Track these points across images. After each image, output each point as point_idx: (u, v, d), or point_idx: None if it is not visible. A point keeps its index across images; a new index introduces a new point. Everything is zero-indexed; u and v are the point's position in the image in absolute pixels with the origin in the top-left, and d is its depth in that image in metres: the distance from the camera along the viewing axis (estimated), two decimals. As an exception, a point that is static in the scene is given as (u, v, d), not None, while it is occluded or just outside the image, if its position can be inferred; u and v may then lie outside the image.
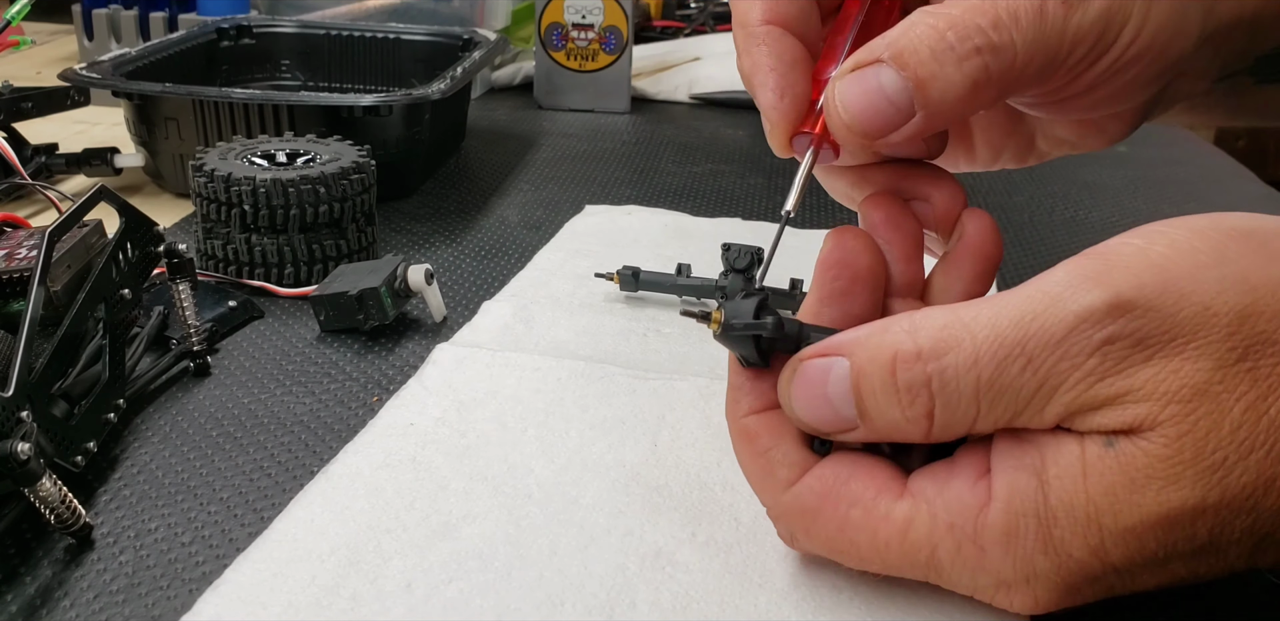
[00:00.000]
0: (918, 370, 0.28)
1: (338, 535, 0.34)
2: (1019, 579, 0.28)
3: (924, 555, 0.29)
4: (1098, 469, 0.27)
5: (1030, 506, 0.28)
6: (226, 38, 0.80)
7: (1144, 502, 0.27)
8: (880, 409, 0.29)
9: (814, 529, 0.30)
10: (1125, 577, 0.28)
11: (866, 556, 0.30)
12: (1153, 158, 0.84)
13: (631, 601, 0.31)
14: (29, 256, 0.42)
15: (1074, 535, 0.27)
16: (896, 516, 0.29)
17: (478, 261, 0.58)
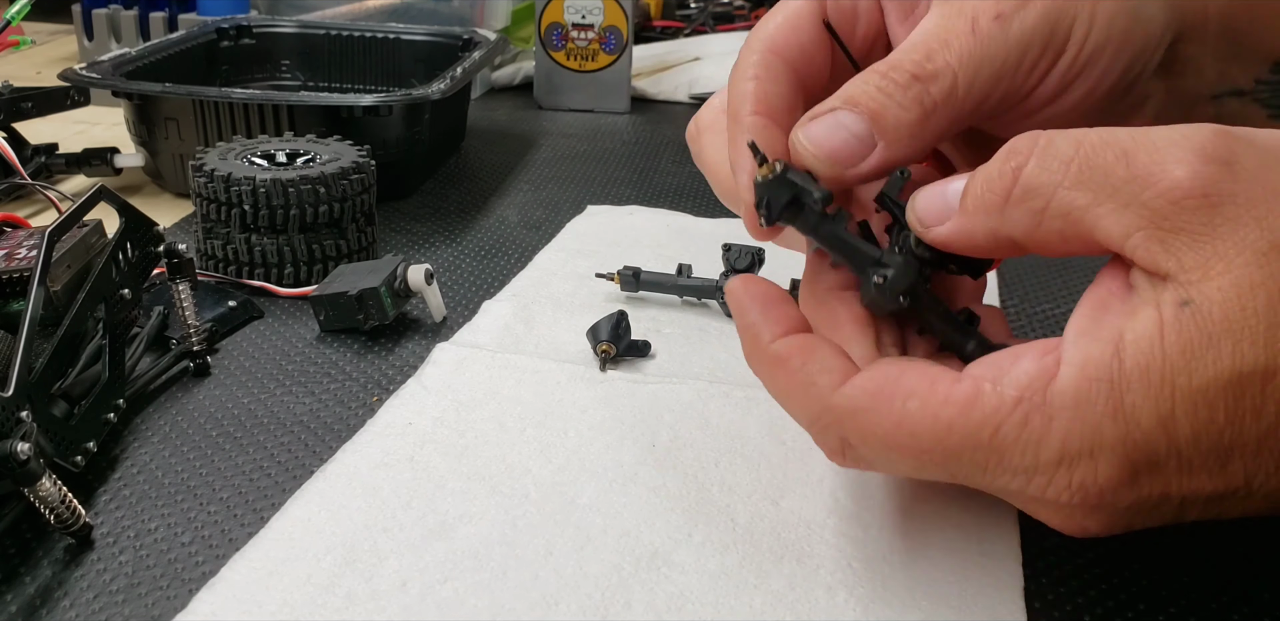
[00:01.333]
0: (1025, 141, 0.29)
1: (334, 534, 0.34)
2: (1084, 450, 0.27)
3: (987, 433, 0.28)
4: (1174, 327, 0.27)
5: (1104, 371, 0.27)
6: (226, 38, 0.80)
7: (1218, 359, 0.26)
8: (986, 171, 0.30)
9: (869, 426, 0.30)
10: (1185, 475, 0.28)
11: (926, 446, 0.29)
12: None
13: (627, 601, 0.31)
14: (29, 256, 0.42)
15: (1146, 399, 0.27)
16: (958, 397, 0.29)
17: (478, 261, 0.58)
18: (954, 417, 0.28)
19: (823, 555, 0.34)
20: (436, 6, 0.90)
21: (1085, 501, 0.28)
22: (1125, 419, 0.27)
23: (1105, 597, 0.33)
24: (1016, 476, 0.28)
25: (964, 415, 0.28)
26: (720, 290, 0.50)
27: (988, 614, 0.32)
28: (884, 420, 0.29)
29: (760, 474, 0.38)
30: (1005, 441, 0.28)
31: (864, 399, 0.30)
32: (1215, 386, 0.26)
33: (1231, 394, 0.27)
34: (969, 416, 0.28)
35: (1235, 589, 0.34)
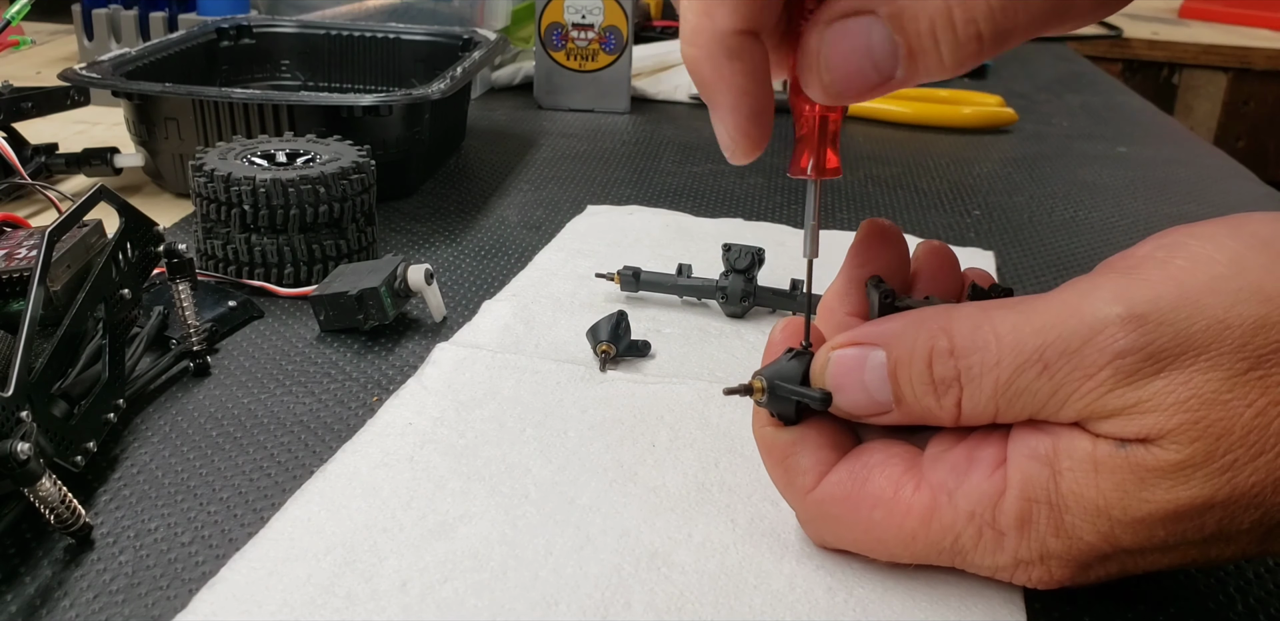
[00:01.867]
0: (949, 365, 0.30)
1: (334, 534, 0.34)
2: (1034, 558, 0.30)
3: (948, 542, 0.31)
4: (1109, 466, 0.28)
5: (1043, 494, 0.29)
6: (226, 38, 0.80)
7: (1153, 499, 0.28)
8: (916, 397, 0.31)
9: (841, 531, 0.32)
10: (1136, 557, 0.30)
11: (894, 550, 0.32)
12: (1153, 158, 0.85)
13: (626, 602, 0.31)
14: (29, 256, 0.42)
15: (1084, 522, 0.29)
16: (918, 509, 0.31)
17: (478, 261, 0.58)
18: (916, 529, 0.31)
19: (823, 555, 0.34)
20: (436, 6, 0.90)
21: (1046, 587, 0.31)
22: (1067, 535, 0.29)
23: (1105, 597, 0.33)
24: (979, 570, 0.31)
25: (925, 527, 0.31)
26: (720, 290, 0.50)
27: (988, 614, 0.32)
28: (855, 526, 0.32)
29: (760, 474, 0.38)
30: (964, 547, 0.31)
31: (831, 506, 0.32)
32: (1152, 518, 0.28)
33: (1169, 522, 0.28)
34: (930, 528, 0.31)
35: (1235, 589, 0.34)
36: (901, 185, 0.75)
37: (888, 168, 0.79)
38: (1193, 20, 1.69)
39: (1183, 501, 0.28)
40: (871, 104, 0.92)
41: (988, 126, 0.90)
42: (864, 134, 0.89)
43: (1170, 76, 1.58)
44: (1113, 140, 0.90)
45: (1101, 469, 0.28)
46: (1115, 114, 1.00)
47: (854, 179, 0.76)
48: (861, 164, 0.80)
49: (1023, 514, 0.30)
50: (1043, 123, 0.94)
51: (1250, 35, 1.59)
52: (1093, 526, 0.29)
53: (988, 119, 0.90)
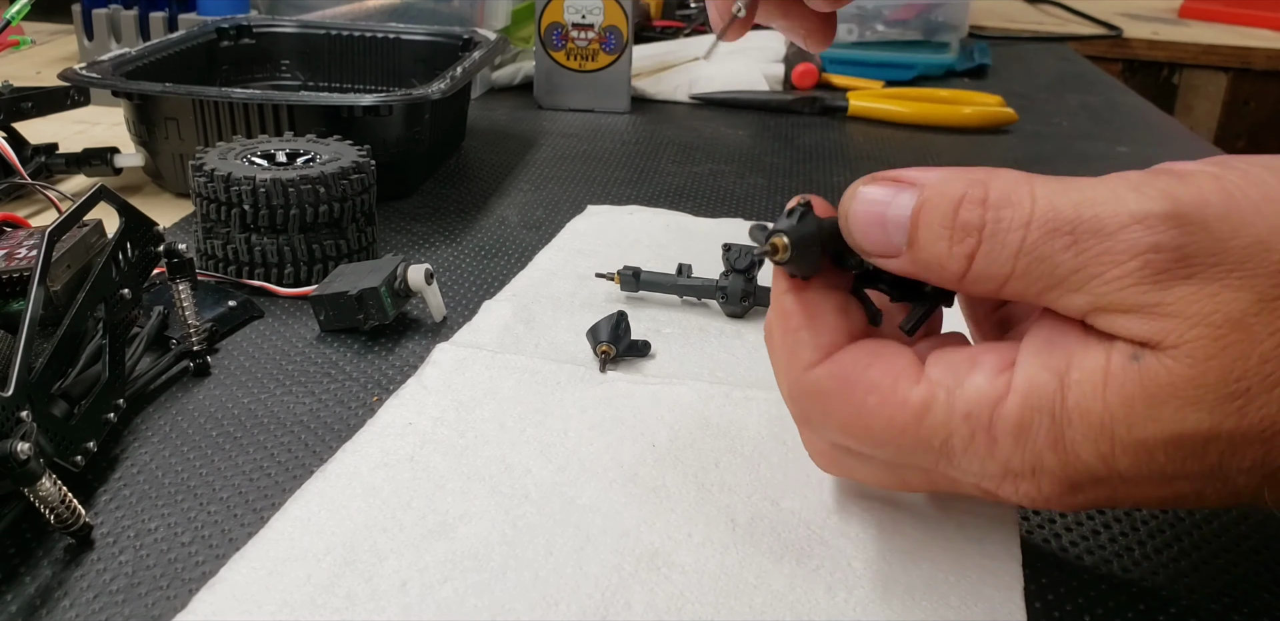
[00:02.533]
0: (976, 213, 0.29)
1: (334, 534, 0.34)
2: (1025, 470, 0.29)
3: (938, 441, 0.30)
4: (1119, 379, 0.27)
5: (1046, 404, 0.28)
6: (226, 38, 0.80)
7: (1159, 418, 0.27)
8: (931, 240, 0.29)
9: (831, 412, 0.31)
10: (1129, 486, 0.29)
11: (880, 440, 0.30)
12: (1153, 158, 0.84)
13: (626, 602, 0.31)
14: (29, 256, 0.42)
15: (1085, 439, 0.28)
16: (914, 401, 0.30)
17: (478, 261, 0.58)
18: (907, 422, 0.30)
19: (823, 555, 0.34)
20: (436, 6, 0.90)
21: (1030, 504, 0.30)
22: (1064, 450, 0.28)
23: (1105, 597, 0.33)
24: (965, 476, 0.30)
25: (917, 421, 0.30)
26: (720, 290, 0.50)
27: (988, 614, 0.32)
28: (845, 409, 0.31)
29: (760, 474, 0.38)
30: (953, 450, 0.30)
31: (829, 382, 0.31)
32: (1154, 441, 0.27)
33: (1171, 447, 0.27)
34: (921, 423, 0.30)
35: (1235, 589, 0.34)
36: (901, 185, 0.75)
37: (888, 168, 0.78)
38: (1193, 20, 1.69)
39: (1189, 425, 0.27)
40: (871, 104, 0.92)
41: (988, 126, 0.90)
42: (864, 134, 0.89)
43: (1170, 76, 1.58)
44: (1113, 140, 0.90)
45: (1111, 382, 0.27)
46: (1115, 114, 1.00)
47: (854, 179, 0.75)
48: (861, 164, 0.80)
49: (1022, 422, 0.28)
50: (1043, 123, 0.94)
51: (1250, 35, 1.59)
52: (1093, 445, 0.28)
53: (988, 119, 0.90)
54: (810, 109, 0.94)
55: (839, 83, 1.02)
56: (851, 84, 1.02)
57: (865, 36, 1.11)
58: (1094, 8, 1.63)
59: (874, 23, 1.11)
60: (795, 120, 0.92)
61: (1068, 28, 1.54)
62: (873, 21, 1.11)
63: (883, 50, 1.09)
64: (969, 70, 1.13)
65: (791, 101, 0.94)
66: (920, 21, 1.12)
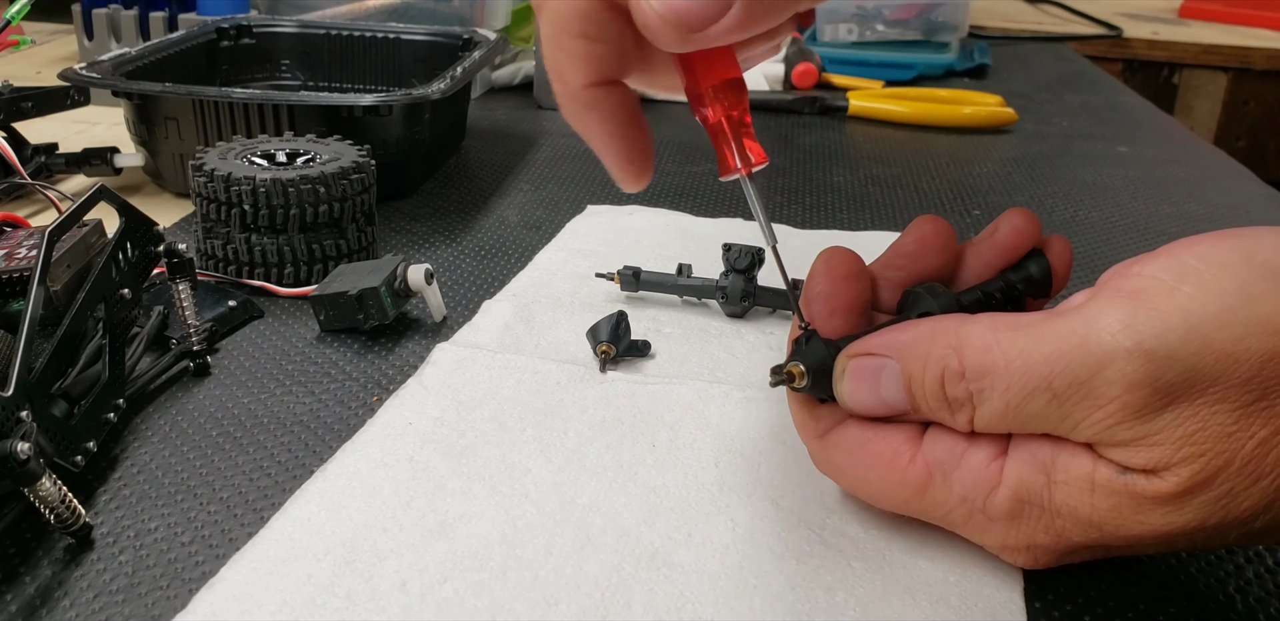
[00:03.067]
0: (961, 387, 0.30)
1: (334, 534, 0.34)
2: (1021, 546, 0.32)
3: (939, 514, 0.32)
4: (1106, 488, 0.29)
5: (1036, 498, 0.30)
6: (226, 37, 0.80)
7: (1147, 521, 0.29)
8: (931, 410, 0.32)
9: (843, 478, 0.35)
10: (1123, 551, 0.31)
11: (889, 506, 0.34)
12: (1153, 157, 0.84)
13: (626, 602, 0.31)
14: (29, 256, 0.42)
15: (1075, 529, 0.30)
16: (912, 481, 0.32)
17: (478, 261, 0.58)
18: (910, 497, 0.32)
19: (823, 555, 0.34)
20: (436, 6, 0.90)
21: (1029, 566, 0.33)
22: (1056, 534, 0.30)
23: (1105, 597, 0.33)
24: (969, 538, 0.33)
25: (918, 498, 0.32)
26: (720, 290, 0.50)
27: (988, 614, 0.32)
28: (854, 478, 0.34)
29: (760, 474, 0.38)
30: (954, 522, 0.33)
31: (838, 456, 0.34)
32: (1143, 537, 0.29)
33: (1160, 540, 0.29)
34: (923, 499, 0.32)
35: (1233, 588, 0.34)
36: (901, 185, 0.75)
37: (888, 168, 0.79)
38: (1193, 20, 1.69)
39: (1175, 526, 0.28)
40: (871, 104, 0.92)
41: (988, 126, 0.90)
42: (864, 134, 0.89)
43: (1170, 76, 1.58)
44: (1113, 140, 0.90)
45: (1098, 490, 0.29)
46: (1115, 114, 1.00)
47: (854, 179, 0.76)
48: (861, 164, 0.80)
49: (1014, 510, 0.30)
50: (1043, 122, 0.94)
51: (1250, 35, 1.59)
52: (1083, 534, 0.30)
53: (988, 119, 0.90)
54: (810, 109, 0.94)
55: (839, 82, 1.02)
56: (851, 84, 1.02)
57: (865, 36, 1.11)
58: (1094, 8, 1.63)
59: (874, 23, 1.11)
60: (795, 120, 0.92)
61: (1068, 28, 1.54)
62: (873, 21, 1.11)
63: (883, 50, 1.09)
64: (969, 70, 1.13)
65: (791, 101, 0.94)
66: (920, 21, 1.12)
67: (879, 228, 0.65)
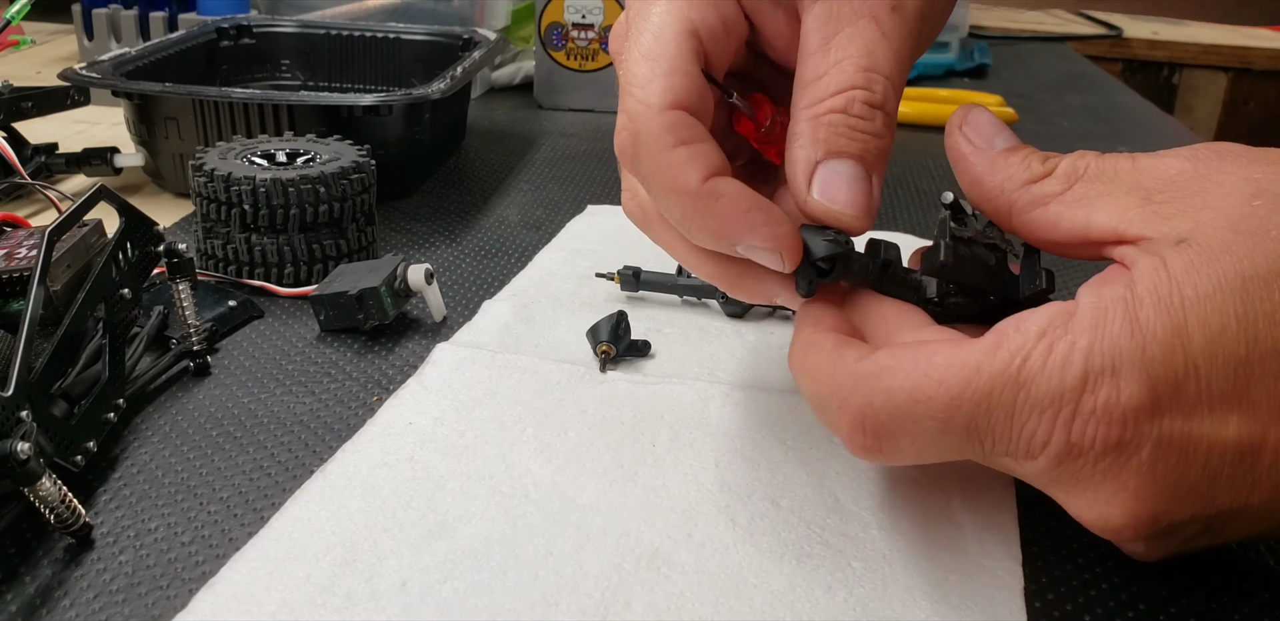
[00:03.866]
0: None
1: (334, 534, 0.34)
2: (1105, 367, 0.28)
3: (1014, 367, 0.29)
4: (1174, 255, 0.29)
5: (1118, 298, 0.29)
6: (226, 37, 0.80)
7: (1221, 269, 0.28)
8: None
9: (896, 382, 0.30)
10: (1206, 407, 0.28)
11: (954, 392, 0.29)
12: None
13: (626, 602, 0.31)
14: (29, 256, 0.42)
15: (1158, 313, 0.28)
16: (984, 343, 0.30)
17: (478, 261, 0.58)
18: (981, 359, 0.29)
19: (822, 555, 0.34)
20: (436, 6, 0.90)
21: (1108, 436, 0.28)
22: (1141, 332, 0.28)
23: (1105, 597, 0.33)
24: (1044, 415, 0.29)
25: (991, 354, 0.29)
26: (720, 290, 0.50)
27: (988, 614, 0.32)
28: (911, 372, 0.30)
29: (760, 474, 0.38)
30: (1032, 371, 0.29)
31: (889, 359, 0.31)
32: (1221, 291, 0.28)
33: (1239, 297, 0.28)
34: (996, 355, 0.29)
35: (1236, 589, 0.34)
36: (901, 185, 0.75)
37: (888, 168, 0.79)
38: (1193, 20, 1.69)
39: (1247, 268, 0.28)
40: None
41: (988, 126, 0.90)
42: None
43: (1170, 76, 1.58)
44: (1113, 140, 0.90)
45: (1170, 260, 0.29)
46: (1115, 114, 1.00)
47: (854, 179, 0.75)
48: (861, 164, 0.80)
49: (1097, 315, 0.29)
50: (1043, 123, 0.94)
51: (1250, 35, 1.59)
52: (1167, 316, 0.28)
53: (988, 119, 0.90)
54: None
55: (839, 82, 1.02)
56: (851, 84, 1.02)
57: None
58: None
59: (874, 23, 1.11)
60: (795, 120, 0.92)
61: (1068, 28, 1.54)
62: (873, 21, 1.11)
63: (883, 50, 1.09)
64: (969, 70, 1.13)
65: (791, 101, 0.94)
66: (920, 21, 1.12)
67: (879, 227, 0.65)
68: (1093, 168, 0.32)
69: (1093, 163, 0.32)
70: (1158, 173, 0.31)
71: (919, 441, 0.30)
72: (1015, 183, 0.33)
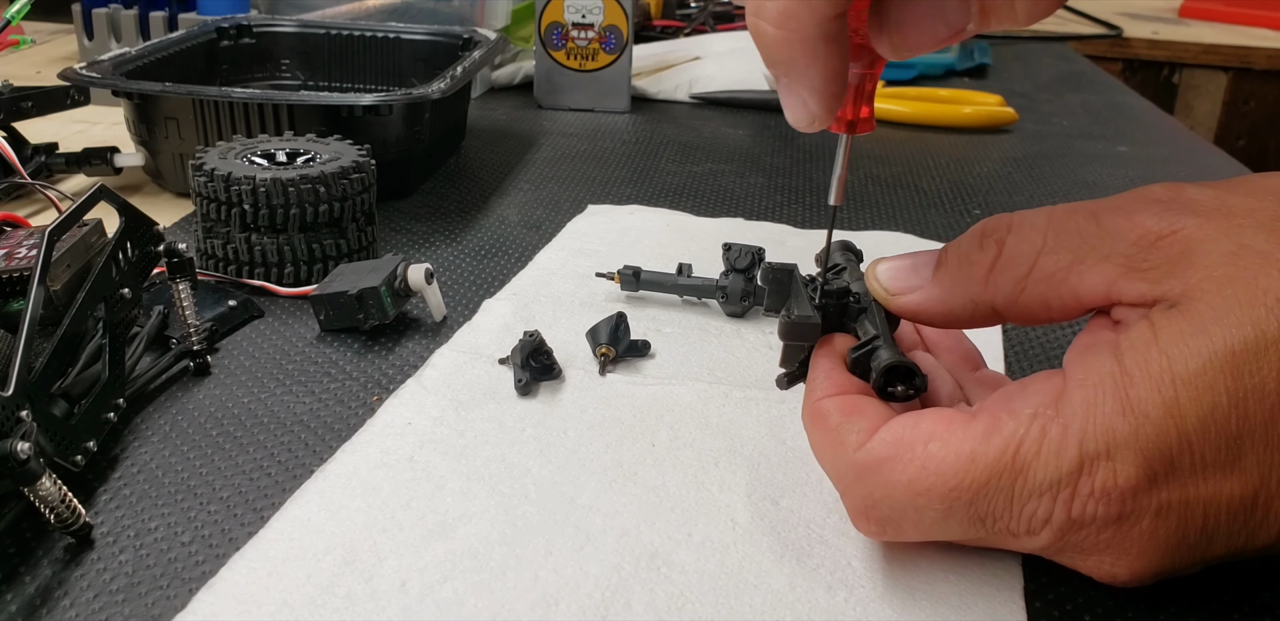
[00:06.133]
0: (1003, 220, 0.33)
1: (333, 534, 0.34)
2: (1100, 451, 0.28)
3: (1010, 454, 0.29)
4: (1164, 324, 0.28)
5: (1107, 375, 0.29)
6: (226, 37, 0.80)
7: (1211, 340, 0.28)
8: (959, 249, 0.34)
9: (894, 474, 0.30)
10: (1200, 475, 0.28)
11: (952, 483, 0.29)
12: (1153, 157, 0.84)
13: (626, 602, 0.31)
14: (29, 256, 0.42)
15: (1149, 391, 0.28)
16: (977, 430, 0.30)
17: (478, 261, 0.58)
18: (976, 447, 0.29)
19: (823, 555, 0.34)
20: (436, 6, 0.90)
21: (1108, 513, 0.29)
22: (1133, 412, 0.28)
23: (1105, 597, 0.33)
24: (1043, 498, 0.29)
25: (985, 442, 0.29)
26: (720, 290, 0.50)
27: (988, 614, 0.32)
28: (908, 466, 0.30)
29: (760, 474, 0.38)
30: (1027, 457, 0.29)
31: (886, 449, 0.31)
32: (1212, 367, 0.28)
33: (1229, 373, 0.28)
34: (990, 442, 0.29)
35: (1236, 589, 0.34)
36: (901, 185, 0.75)
37: (888, 167, 0.79)
38: (1193, 20, 1.69)
39: (1236, 340, 0.27)
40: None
41: (988, 126, 0.90)
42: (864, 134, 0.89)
43: (1170, 76, 1.58)
44: (1113, 140, 0.90)
45: (1160, 330, 0.28)
46: (1115, 113, 1.00)
47: (854, 178, 0.75)
48: (861, 164, 0.80)
49: (1087, 396, 0.29)
50: (1043, 122, 0.94)
51: (1250, 35, 1.59)
52: (1158, 394, 0.28)
53: (988, 118, 0.90)
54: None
55: (839, 82, 1.02)
56: (851, 83, 1.02)
57: (865, 36, 1.11)
58: (1094, 7, 1.63)
59: (874, 22, 1.11)
60: (795, 120, 0.92)
61: (1068, 27, 1.54)
62: (873, 21, 1.11)
63: (883, 50, 1.09)
64: (969, 70, 1.13)
65: (791, 101, 0.94)
66: (920, 21, 1.12)
67: (879, 228, 0.65)
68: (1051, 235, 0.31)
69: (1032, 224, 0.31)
70: (1130, 236, 0.30)
71: (922, 525, 0.31)
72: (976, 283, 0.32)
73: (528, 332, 0.43)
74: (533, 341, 0.43)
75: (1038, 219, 0.31)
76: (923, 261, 0.34)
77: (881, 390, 0.33)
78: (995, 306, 0.32)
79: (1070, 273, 0.31)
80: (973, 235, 0.33)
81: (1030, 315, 0.32)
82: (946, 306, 0.33)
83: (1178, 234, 0.30)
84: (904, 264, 0.34)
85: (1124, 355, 0.29)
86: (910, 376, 0.33)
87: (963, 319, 0.33)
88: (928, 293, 0.33)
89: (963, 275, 0.32)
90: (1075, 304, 0.31)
